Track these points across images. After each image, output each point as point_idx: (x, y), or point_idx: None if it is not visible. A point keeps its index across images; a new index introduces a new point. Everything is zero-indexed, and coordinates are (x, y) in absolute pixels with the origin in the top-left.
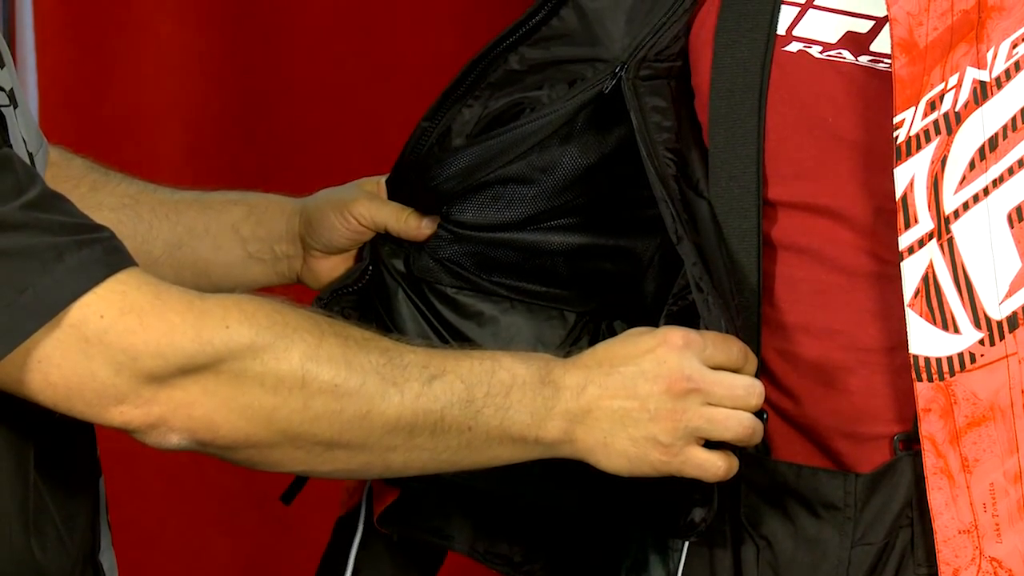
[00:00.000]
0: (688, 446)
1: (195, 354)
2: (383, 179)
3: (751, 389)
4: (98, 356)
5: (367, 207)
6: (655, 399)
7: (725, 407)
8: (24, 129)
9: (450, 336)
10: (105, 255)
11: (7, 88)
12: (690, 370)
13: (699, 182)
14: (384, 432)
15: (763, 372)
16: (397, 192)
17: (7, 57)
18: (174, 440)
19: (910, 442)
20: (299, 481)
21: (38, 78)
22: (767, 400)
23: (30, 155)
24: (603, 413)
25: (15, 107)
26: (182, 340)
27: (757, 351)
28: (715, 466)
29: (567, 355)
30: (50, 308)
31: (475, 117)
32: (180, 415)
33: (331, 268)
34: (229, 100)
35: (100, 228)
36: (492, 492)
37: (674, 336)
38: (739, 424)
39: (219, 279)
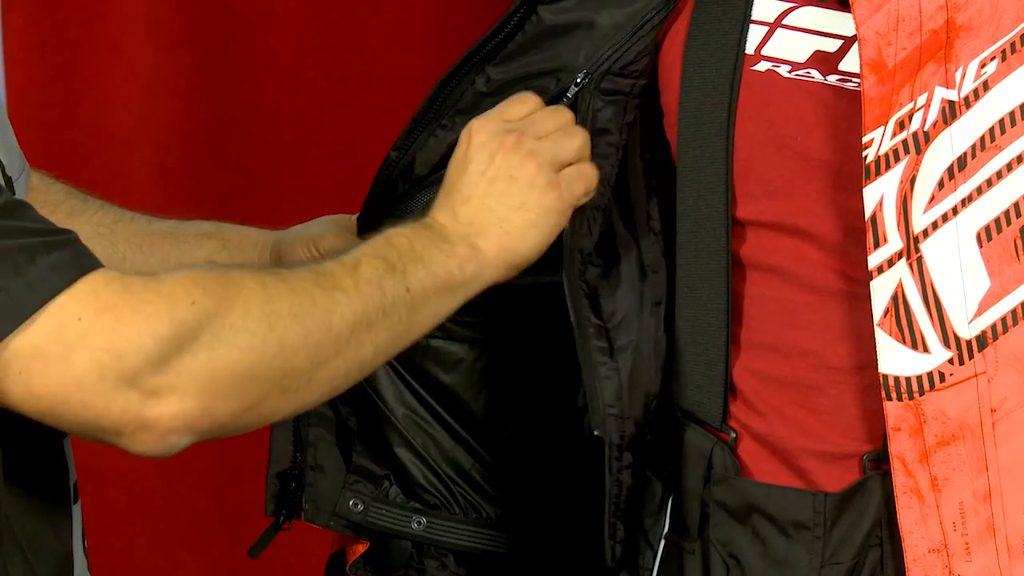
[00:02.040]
0: (560, 172)
1: (173, 337)
2: (351, 219)
3: (563, 112)
4: (81, 361)
5: (333, 242)
6: (502, 167)
7: (557, 131)
8: (3, 152)
9: (421, 382)
10: (74, 257)
11: None
12: (503, 126)
13: (643, 220)
14: (349, 332)
15: (732, 392)
16: (367, 226)
17: None
18: (172, 440)
19: (879, 461)
20: (267, 536)
21: (6, 98)
22: (737, 419)
23: (8, 179)
24: (482, 214)
25: None
26: (159, 327)
27: (726, 370)
28: (591, 171)
29: None
30: (26, 309)
31: (442, 146)
32: (174, 411)
33: None
34: (199, 120)
35: (66, 231)
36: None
37: (472, 123)
38: (574, 137)
39: None
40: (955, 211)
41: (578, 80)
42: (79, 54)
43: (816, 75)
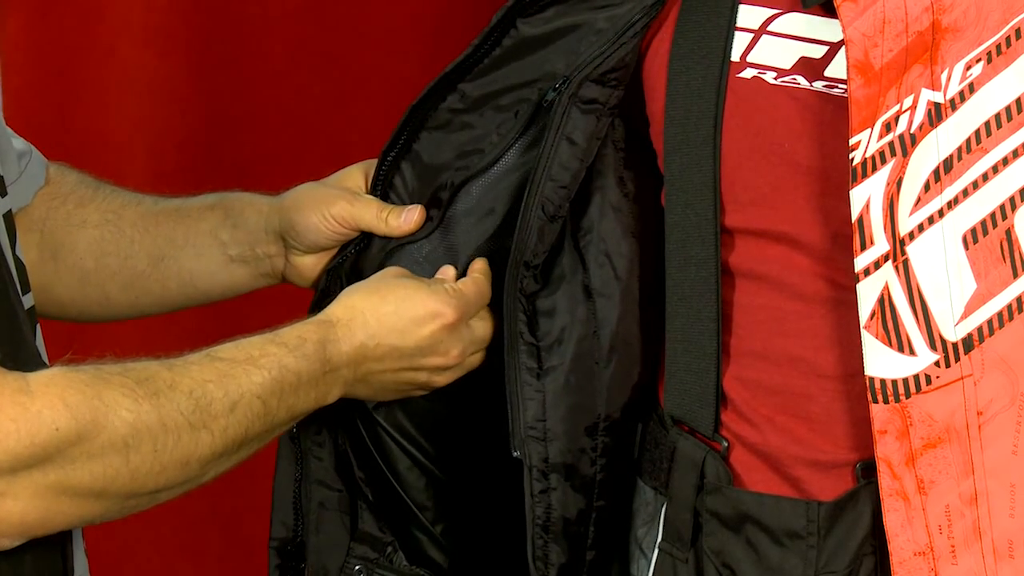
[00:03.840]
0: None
1: (27, 457)
2: (369, 164)
3: (488, 329)
4: None
5: (346, 209)
6: (427, 372)
7: (482, 350)
8: None
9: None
10: None
11: None
12: (463, 345)
13: (595, 241)
14: (200, 467)
15: (724, 400)
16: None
17: None
18: (3, 542)
19: (872, 470)
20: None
21: (2, 101)
22: (728, 428)
23: (0, 178)
24: (377, 380)
25: None
26: (15, 446)
27: (717, 379)
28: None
29: None
30: None
31: (414, 176)
32: (11, 518)
33: (315, 264)
34: (195, 125)
35: None
36: None
37: (448, 314)
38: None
39: (206, 287)
40: (941, 213)
41: (556, 85)
42: (75, 58)
43: (802, 81)
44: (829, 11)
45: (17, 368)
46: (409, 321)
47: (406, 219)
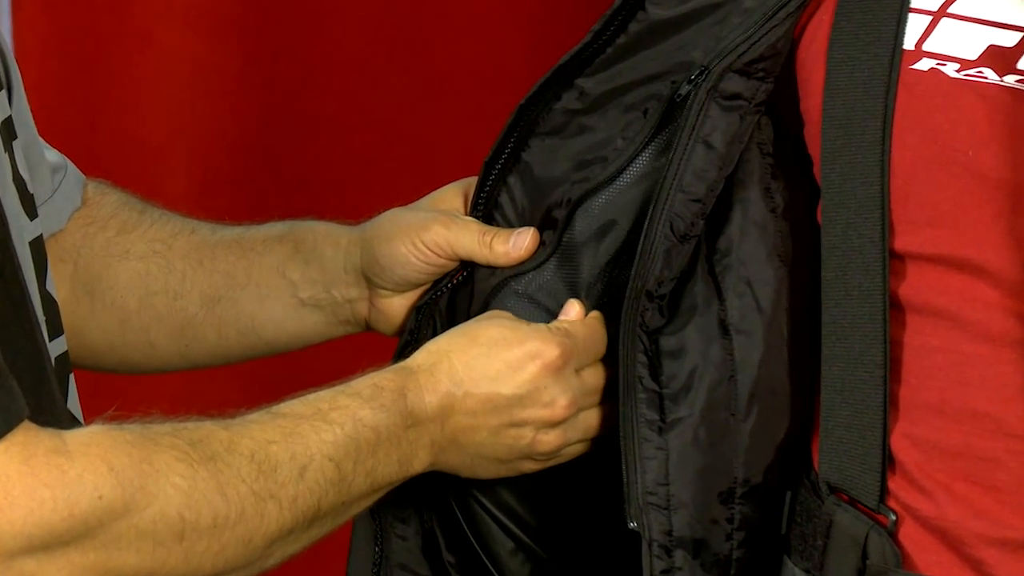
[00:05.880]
0: (564, 449)
1: (65, 531)
2: (468, 183)
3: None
4: None
5: (441, 233)
6: (532, 427)
7: (596, 407)
8: (26, 167)
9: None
10: None
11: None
12: (572, 393)
13: (735, 266)
14: (266, 546)
15: (891, 464)
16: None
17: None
18: None
19: None
20: None
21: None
22: (897, 498)
23: (31, 196)
24: (471, 440)
25: (12, 139)
26: (52, 517)
27: (884, 438)
28: (581, 451)
29: None
30: None
31: (524, 193)
32: None
33: (405, 306)
34: (247, 126)
35: None
36: None
37: (550, 352)
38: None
39: (270, 335)
40: None
41: (692, 77)
42: (103, 47)
43: (991, 75)
44: None
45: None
46: (504, 364)
47: (515, 244)
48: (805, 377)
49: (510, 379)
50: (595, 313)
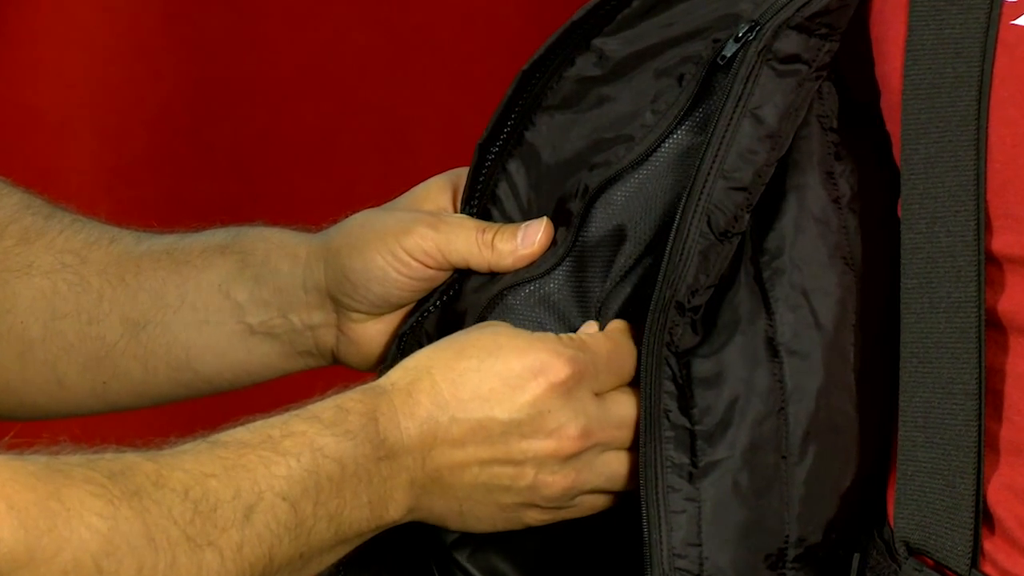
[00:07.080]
0: (579, 498)
1: None
2: (458, 175)
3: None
4: None
5: (428, 237)
6: (535, 463)
7: (624, 448)
8: None
9: None
10: None
11: None
12: (585, 421)
13: (788, 270)
14: None
15: (987, 520)
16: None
17: None
18: None
19: None
20: None
21: None
22: (993, 562)
23: None
24: (458, 479)
25: None
26: None
27: (977, 488)
28: (603, 504)
29: None
30: None
31: (529, 182)
32: None
33: (383, 333)
34: (171, 102)
35: None
36: None
37: (558, 367)
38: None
39: (210, 370)
40: None
41: (739, 35)
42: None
43: None
44: None
45: None
46: (499, 381)
47: (525, 239)
48: (877, 410)
49: (507, 400)
50: (620, 323)
